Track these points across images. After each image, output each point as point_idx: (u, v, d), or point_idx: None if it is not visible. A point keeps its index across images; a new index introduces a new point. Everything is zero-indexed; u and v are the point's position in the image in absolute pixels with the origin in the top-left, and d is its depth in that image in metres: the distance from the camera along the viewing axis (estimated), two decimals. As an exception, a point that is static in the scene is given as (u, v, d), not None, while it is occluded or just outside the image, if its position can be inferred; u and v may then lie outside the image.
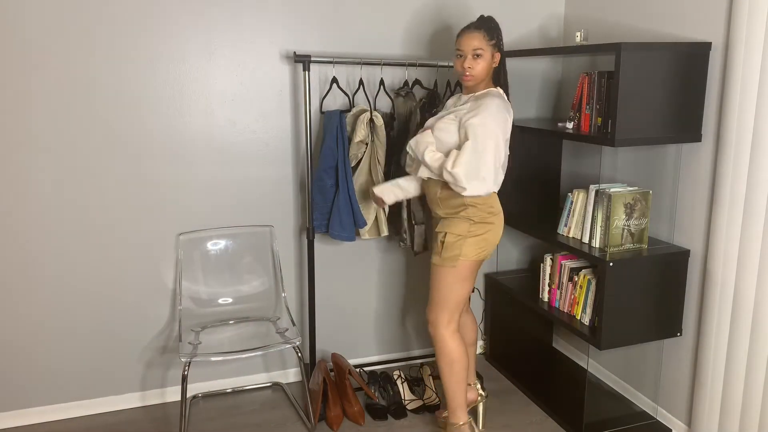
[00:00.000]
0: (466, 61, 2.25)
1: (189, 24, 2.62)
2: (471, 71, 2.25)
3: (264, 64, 2.76)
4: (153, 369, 2.87)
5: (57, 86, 2.50)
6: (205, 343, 2.58)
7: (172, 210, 2.75)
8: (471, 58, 2.25)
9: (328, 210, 2.76)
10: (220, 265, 2.84)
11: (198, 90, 2.69)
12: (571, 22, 3.14)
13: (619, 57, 2.21)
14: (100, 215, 2.66)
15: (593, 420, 2.70)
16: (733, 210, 2.23)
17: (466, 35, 2.27)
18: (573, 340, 3.33)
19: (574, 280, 2.65)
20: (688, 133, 2.39)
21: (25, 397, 2.70)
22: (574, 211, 2.67)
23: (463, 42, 2.27)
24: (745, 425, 2.27)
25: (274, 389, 3.03)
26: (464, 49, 2.26)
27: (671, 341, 2.62)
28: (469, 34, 2.26)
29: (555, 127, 2.72)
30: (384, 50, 2.90)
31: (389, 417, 2.78)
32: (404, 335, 3.29)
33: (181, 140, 2.71)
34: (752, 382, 2.24)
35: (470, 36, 2.26)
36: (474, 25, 2.29)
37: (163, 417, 2.78)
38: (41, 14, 2.43)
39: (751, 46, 2.10)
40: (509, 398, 2.95)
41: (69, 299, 2.68)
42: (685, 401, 2.59)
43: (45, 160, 2.54)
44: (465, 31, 2.29)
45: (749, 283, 2.20)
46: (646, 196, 2.50)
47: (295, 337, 2.57)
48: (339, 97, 2.85)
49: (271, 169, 2.86)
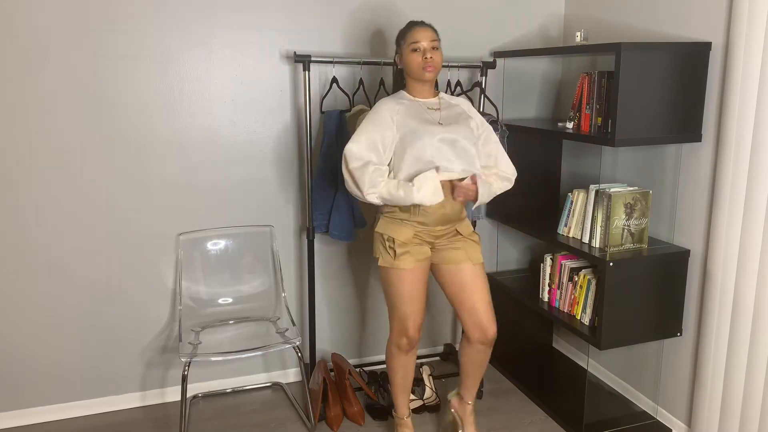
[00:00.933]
0: (428, 52, 2.19)
1: (189, 24, 2.62)
2: (432, 61, 2.19)
3: (264, 64, 2.76)
4: (153, 369, 2.87)
5: (57, 87, 2.50)
6: (205, 343, 2.58)
7: (172, 210, 2.75)
8: (430, 50, 2.20)
9: (328, 210, 2.76)
10: (220, 265, 2.84)
11: (198, 90, 2.69)
12: (571, 22, 3.14)
13: (619, 57, 2.21)
14: (100, 215, 2.66)
15: (593, 420, 2.70)
16: (733, 210, 2.23)
17: (420, 29, 2.23)
18: (573, 340, 3.33)
19: (574, 280, 2.65)
20: (688, 133, 2.39)
21: (25, 397, 2.70)
22: (574, 211, 2.67)
23: (419, 34, 2.21)
24: (745, 425, 2.27)
25: (274, 389, 3.03)
26: (422, 41, 2.19)
27: (671, 341, 2.62)
28: (424, 27, 2.23)
29: (555, 127, 2.72)
30: (384, 50, 2.91)
31: (389, 417, 2.78)
32: (404, 335, 3.29)
33: (181, 140, 2.71)
34: (752, 382, 2.24)
35: (424, 29, 2.23)
36: (422, 23, 2.26)
37: (163, 417, 2.78)
38: (42, 15, 2.43)
39: (751, 46, 2.10)
40: (509, 398, 2.95)
41: (69, 299, 2.68)
42: (685, 401, 2.59)
43: (45, 160, 2.54)
44: (417, 26, 2.24)
45: (749, 283, 2.20)
46: (646, 196, 2.50)
47: (295, 337, 2.57)
48: (339, 97, 2.85)
49: (271, 169, 2.86)
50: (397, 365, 2.41)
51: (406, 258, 2.23)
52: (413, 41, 2.21)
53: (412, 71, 2.24)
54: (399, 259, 2.23)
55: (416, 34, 2.21)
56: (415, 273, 2.25)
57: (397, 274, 2.24)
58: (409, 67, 2.24)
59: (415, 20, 2.29)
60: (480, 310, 2.29)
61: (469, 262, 2.30)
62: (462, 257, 2.30)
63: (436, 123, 2.23)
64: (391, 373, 2.45)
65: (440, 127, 2.22)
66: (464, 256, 2.30)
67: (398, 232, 2.24)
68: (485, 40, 3.07)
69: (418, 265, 2.26)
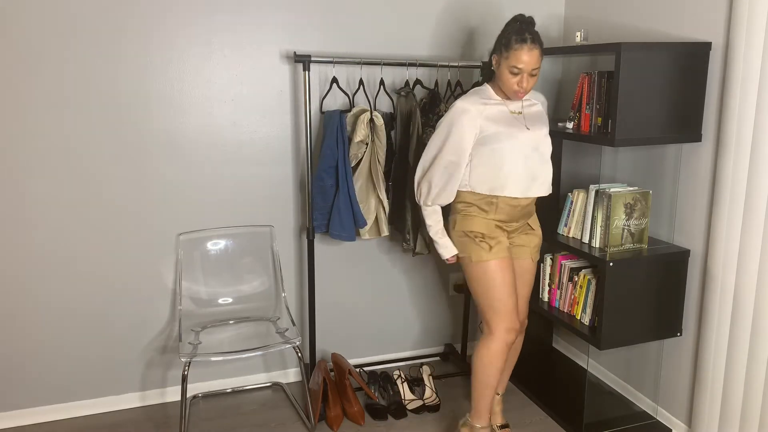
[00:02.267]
0: (524, 80, 2.12)
1: (189, 24, 2.62)
2: (526, 89, 2.14)
3: (264, 64, 2.76)
4: (153, 369, 2.87)
5: (57, 87, 2.50)
6: (205, 343, 2.58)
7: (172, 210, 2.76)
8: (527, 77, 2.12)
9: (328, 210, 2.76)
10: (220, 265, 2.84)
11: (198, 90, 2.69)
12: (571, 22, 3.14)
13: (619, 57, 2.21)
14: (100, 215, 2.66)
15: (593, 420, 2.70)
16: (733, 210, 2.23)
17: (528, 50, 2.08)
18: (573, 340, 3.33)
19: (574, 280, 2.65)
20: (688, 133, 2.39)
21: (25, 397, 2.70)
22: (574, 211, 2.67)
23: (523, 58, 2.08)
24: (745, 425, 2.27)
25: (274, 389, 3.03)
26: (524, 68, 2.09)
27: (671, 341, 2.62)
28: (531, 51, 2.08)
29: (555, 127, 2.72)
30: (384, 50, 2.91)
31: (389, 417, 2.78)
32: (404, 335, 3.29)
33: (181, 140, 2.71)
34: (752, 382, 2.24)
35: (532, 53, 2.08)
36: (533, 39, 2.10)
37: (163, 417, 2.78)
38: (42, 15, 2.43)
39: (751, 46, 2.10)
40: (509, 398, 2.95)
41: (69, 299, 2.68)
42: (685, 401, 2.59)
43: (45, 160, 2.54)
44: (526, 45, 2.08)
45: (749, 283, 2.20)
46: (646, 196, 2.50)
47: (295, 337, 2.57)
48: (339, 97, 2.85)
49: (271, 169, 2.86)
50: (500, 365, 2.30)
51: (499, 248, 2.27)
52: (515, 63, 2.10)
53: (504, 86, 2.18)
54: (494, 250, 2.25)
55: (521, 56, 2.08)
56: (510, 260, 2.31)
57: (498, 264, 2.26)
58: (502, 80, 2.17)
59: (525, 35, 2.10)
60: (523, 300, 2.47)
61: (530, 257, 2.43)
62: (527, 253, 2.42)
63: (521, 127, 2.22)
64: (489, 377, 2.30)
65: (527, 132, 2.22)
66: (528, 252, 2.42)
67: (483, 226, 2.28)
68: (485, 40, 3.07)
69: (508, 254, 2.31)
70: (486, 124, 2.19)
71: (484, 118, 2.19)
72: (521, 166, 2.22)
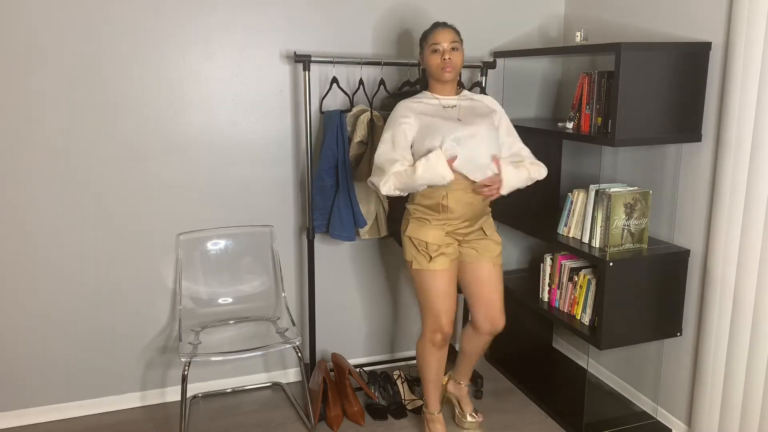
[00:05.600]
0: (445, 54, 2.26)
1: (189, 24, 2.62)
2: (451, 62, 2.26)
3: (264, 64, 2.76)
4: (153, 369, 2.87)
5: (57, 87, 2.50)
6: (205, 343, 2.58)
7: (172, 210, 2.76)
8: (449, 51, 2.27)
9: (328, 210, 2.76)
10: (220, 265, 2.84)
11: (198, 90, 2.69)
12: (571, 22, 3.14)
13: (619, 57, 2.21)
14: (100, 215, 2.66)
15: (593, 420, 2.70)
16: (733, 210, 2.23)
17: (442, 29, 2.30)
18: (573, 340, 3.33)
19: (574, 280, 2.65)
20: (688, 133, 2.39)
21: (25, 397, 2.70)
22: (574, 211, 2.67)
23: (439, 36, 2.28)
24: (745, 425, 2.27)
25: (274, 389, 3.03)
26: (442, 42, 2.27)
27: (671, 341, 2.62)
28: (445, 29, 2.30)
29: (555, 127, 2.72)
30: (384, 50, 2.91)
31: (389, 417, 2.78)
32: (404, 335, 3.29)
33: (181, 140, 2.71)
34: (752, 382, 2.24)
35: (446, 30, 2.30)
36: (445, 24, 2.33)
37: (163, 417, 2.78)
38: (43, 15, 2.43)
39: (751, 46, 2.10)
40: (509, 398, 2.95)
41: (69, 299, 2.68)
42: (685, 401, 2.59)
43: (45, 160, 2.54)
44: (438, 27, 2.31)
45: (749, 283, 2.20)
46: (646, 196, 2.50)
47: (295, 337, 2.57)
48: (339, 97, 2.85)
49: (271, 169, 2.86)
50: (431, 361, 2.48)
51: (440, 259, 2.32)
52: (434, 42, 2.29)
53: (432, 71, 2.33)
54: (434, 262, 2.31)
55: (437, 36, 2.29)
56: (449, 272, 2.35)
57: (433, 275, 2.33)
58: (429, 67, 2.33)
59: (439, 21, 2.35)
60: (495, 304, 2.45)
61: (490, 262, 2.42)
62: (485, 257, 2.41)
63: (454, 119, 2.28)
64: (425, 370, 2.52)
65: (458, 123, 2.26)
66: (487, 256, 2.41)
67: (430, 235, 2.31)
68: (485, 40, 3.07)
69: (451, 264, 2.35)
70: (419, 116, 2.28)
71: (418, 112, 2.30)
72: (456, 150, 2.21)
